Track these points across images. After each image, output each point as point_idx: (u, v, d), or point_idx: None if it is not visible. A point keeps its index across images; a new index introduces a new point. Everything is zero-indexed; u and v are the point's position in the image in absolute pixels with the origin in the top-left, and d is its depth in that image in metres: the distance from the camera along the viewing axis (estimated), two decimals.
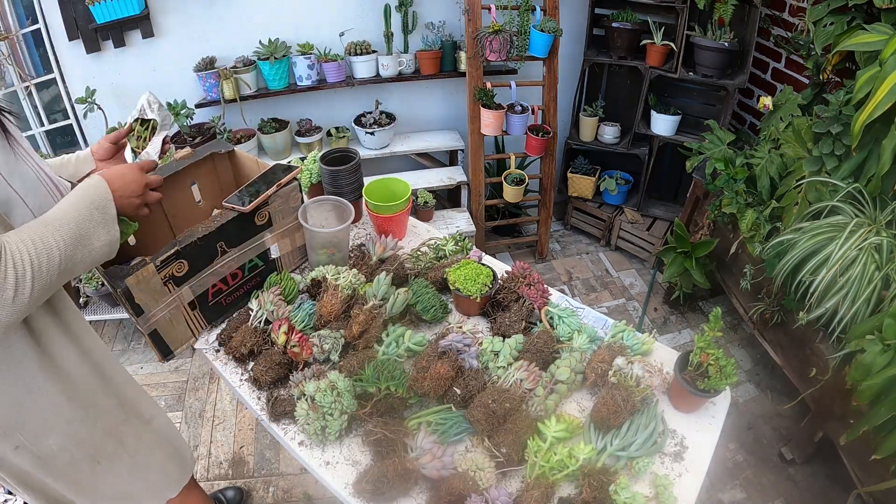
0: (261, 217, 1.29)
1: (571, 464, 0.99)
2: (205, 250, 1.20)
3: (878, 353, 1.30)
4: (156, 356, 1.25)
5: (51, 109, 2.44)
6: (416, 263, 1.45)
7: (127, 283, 1.07)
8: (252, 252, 1.32)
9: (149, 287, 1.12)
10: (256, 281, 1.38)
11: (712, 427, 1.14)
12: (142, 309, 1.13)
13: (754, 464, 1.98)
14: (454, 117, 2.96)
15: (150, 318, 1.16)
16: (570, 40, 2.71)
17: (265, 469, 1.96)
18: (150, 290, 1.12)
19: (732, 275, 2.21)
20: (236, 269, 1.30)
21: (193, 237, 1.17)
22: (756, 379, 2.32)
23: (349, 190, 1.60)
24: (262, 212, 1.28)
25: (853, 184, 1.55)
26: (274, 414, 1.13)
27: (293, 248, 1.45)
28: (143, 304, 1.13)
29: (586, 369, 1.17)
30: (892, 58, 1.41)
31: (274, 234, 1.36)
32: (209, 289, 1.26)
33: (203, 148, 1.42)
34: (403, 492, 1.00)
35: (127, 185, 1.01)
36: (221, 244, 1.23)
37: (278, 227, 1.36)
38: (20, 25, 2.22)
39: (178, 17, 2.35)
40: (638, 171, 2.92)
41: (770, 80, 2.51)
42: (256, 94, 2.50)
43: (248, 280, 1.35)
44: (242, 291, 1.36)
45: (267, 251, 1.37)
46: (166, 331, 1.22)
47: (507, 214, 3.13)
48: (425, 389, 1.10)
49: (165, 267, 1.13)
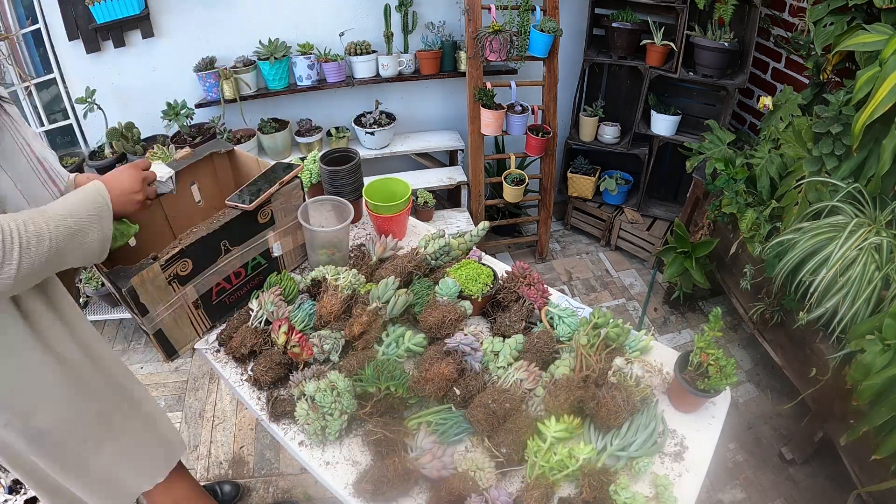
0: (263, 215, 1.29)
1: (571, 464, 0.99)
2: (208, 249, 1.20)
3: (878, 353, 1.30)
4: (160, 356, 1.25)
5: (51, 109, 2.44)
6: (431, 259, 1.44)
7: (132, 283, 1.07)
8: (255, 250, 1.32)
9: (154, 287, 1.12)
10: (259, 279, 1.38)
11: (712, 427, 1.14)
12: (147, 309, 1.13)
13: (754, 464, 1.98)
14: (454, 117, 2.96)
15: (155, 317, 1.16)
16: (570, 40, 2.71)
17: (265, 469, 1.96)
18: (154, 289, 1.13)
19: (732, 275, 2.21)
20: (239, 268, 1.31)
21: (197, 236, 1.17)
22: (756, 379, 2.32)
23: (349, 190, 1.60)
24: (264, 210, 1.29)
25: (853, 184, 1.55)
26: (274, 414, 1.13)
27: (295, 245, 1.45)
28: (148, 303, 1.13)
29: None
30: (892, 58, 1.41)
31: (276, 233, 1.36)
32: (213, 287, 1.27)
33: (203, 148, 1.42)
34: (403, 492, 1.00)
35: (124, 182, 1.04)
36: (225, 242, 1.23)
37: (280, 225, 1.36)
38: (20, 25, 2.22)
39: (178, 17, 2.35)
40: (638, 171, 2.92)
41: (770, 80, 2.51)
42: (256, 94, 2.50)
43: (251, 278, 1.36)
44: (246, 290, 1.36)
45: (269, 249, 1.37)
46: (171, 330, 1.22)
47: (507, 214, 3.13)
48: (427, 390, 1.10)
49: (170, 266, 1.13)
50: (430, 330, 1.23)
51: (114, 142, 2.28)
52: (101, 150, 2.35)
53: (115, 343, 2.49)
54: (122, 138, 2.28)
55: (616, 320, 1.22)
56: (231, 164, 1.50)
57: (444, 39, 2.58)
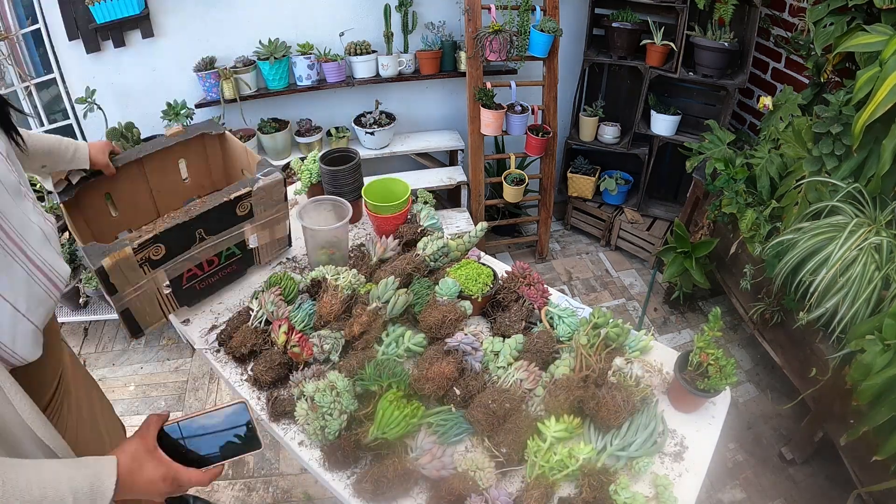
0: (242, 208, 1.29)
1: (571, 464, 0.99)
2: (183, 236, 1.20)
3: (878, 353, 1.30)
4: (125, 333, 1.25)
5: (51, 109, 2.44)
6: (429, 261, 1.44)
7: (103, 264, 1.07)
8: (231, 241, 1.33)
9: (125, 267, 1.12)
10: (233, 268, 1.39)
11: (712, 427, 1.14)
12: (115, 288, 1.13)
13: (754, 464, 1.98)
14: (454, 117, 2.96)
15: (124, 297, 1.16)
16: (570, 40, 2.71)
17: (265, 469, 1.96)
18: (126, 269, 1.12)
19: (732, 275, 2.21)
20: (213, 256, 1.31)
21: (174, 222, 1.17)
22: (756, 379, 2.32)
23: (349, 190, 1.60)
24: (243, 203, 1.28)
25: (853, 184, 1.55)
26: (274, 414, 1.13)
27: (272, 239, 1.45)
28: (117, 284, 1.13)
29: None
30: (892, 58, 1.41)
31: (254, 226, 1.36)
32: (184, 273, 1.27)
33: (195, 127, 1.43)
34: (403, 492, 1.00)
35: (152, 487, 0.78)
36: (200, 231, 1.23)
37: (259, 219, 1.36)
38: (20, 25, 2.22)
39: (178, 17, 2.35)
40: (638, 171, 2.92)
41: (770, 80, 2.51)
42: (256, 94, 2.50)
43: (223, 267, 1.36)
44: (217, 277, 1.37)
45: (245, 241, 1.37)
46: (138, 310, 1.22)
47: (507, 214, 3.13)
48: (427, 390, 1.10)
49: (143, 250, 1.13)
50: (430, 330, 1.23)
51: (114, 142, 2.28)
52: None
53: (115, 343, 2.49)
54: (122, 138, 2.28)
55: (616, 320, 1.22)
56: (221, 148, 1.51)
57: (444, 39, 2.58)
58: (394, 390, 1.08)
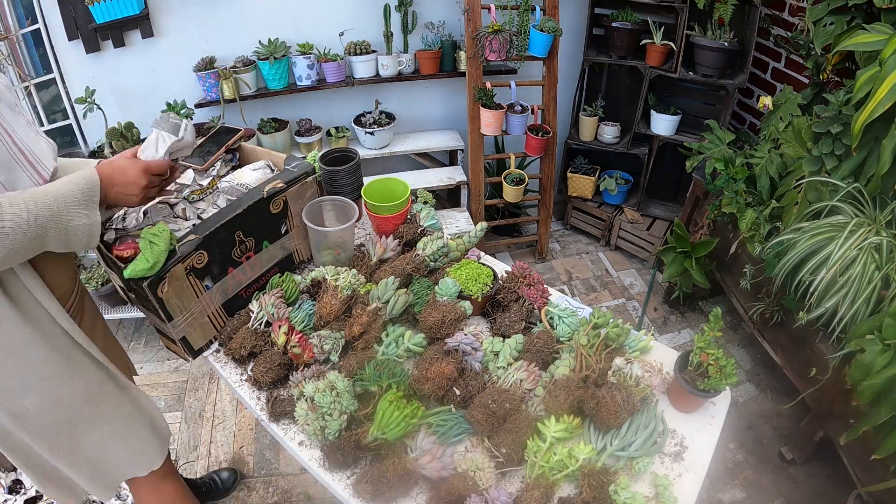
0: (275, 206, 1.31)
1: (571, 464, 0.99)
2: (223, 239, 1.22)
3: (878, 352, 1.30)
4: (183, 357, 1.27)
5: (50, 109, 2.44)
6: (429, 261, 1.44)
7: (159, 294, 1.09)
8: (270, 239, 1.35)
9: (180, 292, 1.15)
10: (275, 271, 1.40)
11: (712, 427, 1.14)
12: (171, 315, 1.15)
13: (754, 464, 1.98)
14: (454, 117, 2.96)
15: (179, 323, 1.18)
16: (569, 40, 2.71)
17: (265, 469, 1.96)
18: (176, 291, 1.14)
19: (732, 275, 2.21)
20: (255, 259, 1.33)
21: (212, 227, 1.18)
22: (756, 379, 2.32)
23: (349, 190, 1.59)
24: (276, 200, 1.30)
25: (853, 184, 1.55)
26: (274, 414, 1.13)
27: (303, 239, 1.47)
28: (172, 310, 1.15)
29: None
30: (892, 58, 1.41)
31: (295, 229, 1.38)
32: (229, 281, 1.28)
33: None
34: (403, 492, 1.00)
35: (128, 180, 1.03)
36: (239, 233, 1.24)
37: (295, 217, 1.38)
38: (20, 25, 2.22)
39: (178, 17, 2.35)
40: (638, 170, 2.92)
41: (770, 79, 2.51)
42: (256, 94, 2.50)
43: (267, 272, 1.38)
44: (262, 283, 1.38)
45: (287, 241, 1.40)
46: (191, 335, 1.24)
47: (507, 214, 3.13)
48: (427, 389, 1.10)
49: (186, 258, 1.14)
50: (430, 330, 1.23)
51: (113, 142, 2.28)
52: (100, 149, 2.34)
53: None
54: (121, 138, 2.27)
55: (616, 320, 1.22)
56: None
57: (443, 39, 2.58)
58: (394, 390, 1.08)
